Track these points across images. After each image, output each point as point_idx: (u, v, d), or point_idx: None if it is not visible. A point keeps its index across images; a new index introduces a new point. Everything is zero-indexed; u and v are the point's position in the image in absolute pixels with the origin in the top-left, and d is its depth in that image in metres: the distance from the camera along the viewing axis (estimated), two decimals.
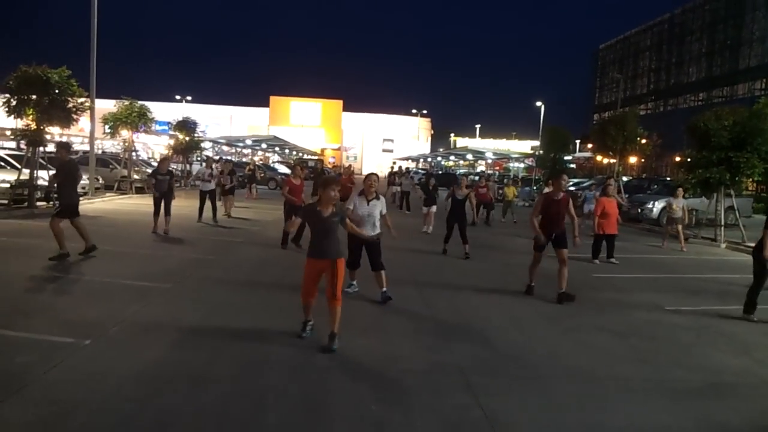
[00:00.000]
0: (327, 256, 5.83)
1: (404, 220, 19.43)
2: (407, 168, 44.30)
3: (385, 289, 7.88)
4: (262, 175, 34.19)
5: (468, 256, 12.14)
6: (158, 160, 18.70)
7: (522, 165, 58.66)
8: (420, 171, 57.47)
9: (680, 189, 15.95)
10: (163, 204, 13.33)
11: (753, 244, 8.40)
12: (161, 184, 13.47)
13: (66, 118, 16.73)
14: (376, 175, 8.32)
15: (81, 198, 19.22)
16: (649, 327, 7.55)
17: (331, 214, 5.86)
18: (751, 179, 18.52)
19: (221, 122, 79.58)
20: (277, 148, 57.28)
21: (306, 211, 6.17)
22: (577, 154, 58.59)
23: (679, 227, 15.33)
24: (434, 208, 16.94)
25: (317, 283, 5.94)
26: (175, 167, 32.34)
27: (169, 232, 13.02)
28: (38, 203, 16.26)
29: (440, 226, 17.13)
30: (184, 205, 15.11)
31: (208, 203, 15.71)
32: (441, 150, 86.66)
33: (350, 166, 28.71)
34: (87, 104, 18.02)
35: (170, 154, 29.59)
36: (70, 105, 16.77)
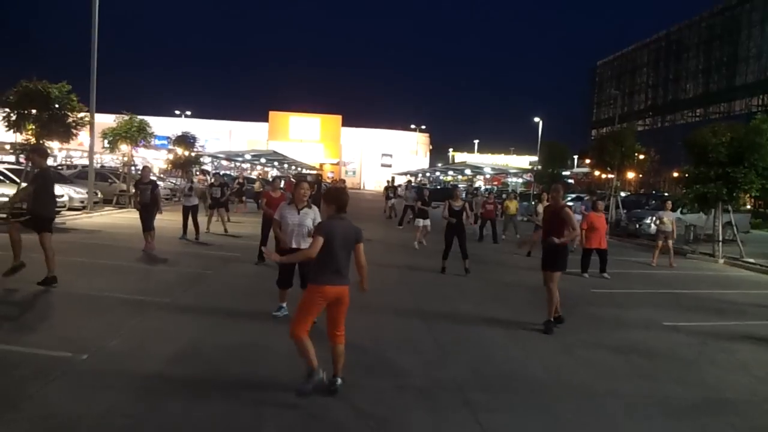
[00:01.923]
0: (345, 281, 4.99)
1: (402, 234, 19.43)
2: (408, 180, 43.91)
3: None
4: (260, 189, 34.11)
5: (468, 272, 11.92)
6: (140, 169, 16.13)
7: (520, 180, 58.78)
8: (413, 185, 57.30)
9: (668, 202, 15.86)
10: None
11: (751, 260, 8.43)
12: (143, 195, 12.62)
13: (65, 133, 16.79)
14: (307, 182, 7.77)
15: (79, 212, 19.41)
16: (647, 343, 7.53)
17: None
18: (748, 195, 18.58)
19: (220, 137, 79.81)
20: (276, 163, 57.35)
21: (326, 229, 4.98)
22: (576, 170, 58.71)
23: (670, 242, 15.13)
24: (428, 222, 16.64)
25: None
26: (174, 182, 32.39)
27: (154, 249, 12.19)
28: None
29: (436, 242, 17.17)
30: (176, 219, 14.99)
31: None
32: (440, 165, 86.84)
33: (333, 179, 27.98)
34: (87, 119, 18.10)
35: (169, 167, 29.48)
36: (70, 120, 16.83)
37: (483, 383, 5.67)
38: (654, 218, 17.22)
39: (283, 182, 14.29)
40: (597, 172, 29.95)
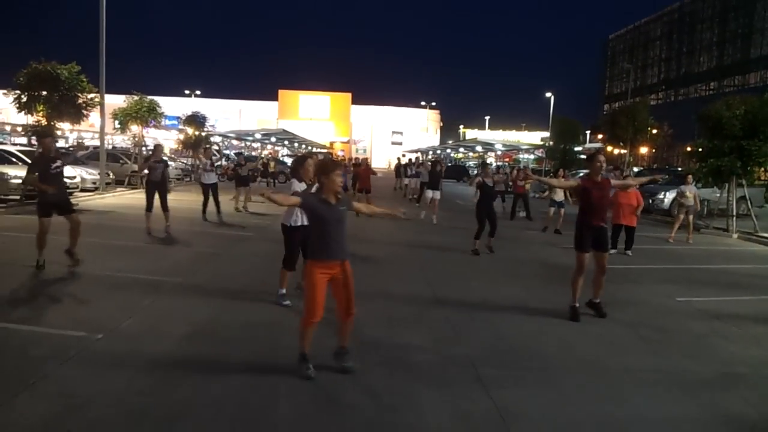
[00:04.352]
0: (344, 255, 4.94)
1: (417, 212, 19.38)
2: (417, 157, 43.73)
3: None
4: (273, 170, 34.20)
5: (492, 251, 11.80)
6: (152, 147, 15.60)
7: (532, 156, 58.45)
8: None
9: (689, 176, 15.65)
10: (158, 197, 12.32)
11: (766, 235, 8.33)
12: (154, 173, 12.34)
13: (76, 114, 16.88)
14: (311, 158, 7.29)
15: (91, 193, 19.53)
16: (660, 318, 7.51)
17: (338, 203, 4.90)
18: (763, 168, 18.36)
19: (230, 116, 79.64)
20: (286, 142, 57.27)
21: (309, 201, 4.91)
22: (588, 145, 58.26)
23: (690, 217, 14.92)
24: (438, 194, 17.12)
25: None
26: (185, 162, 32.47)
27: (171, 231, 12.20)
28: None
29: (449, 218, 17.14)
30: (186, 199, 14.97)
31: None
32: (450, 142, 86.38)
33: (344, 157, 28.36)
34: (97, 100, 18.15)
35: (179, 147, 29.64)
36: (80, 101, 16.90)
37: (495, 359, 5.68)
38: (677, 192, 16.82)
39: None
40: (609, 148, 29.67)
